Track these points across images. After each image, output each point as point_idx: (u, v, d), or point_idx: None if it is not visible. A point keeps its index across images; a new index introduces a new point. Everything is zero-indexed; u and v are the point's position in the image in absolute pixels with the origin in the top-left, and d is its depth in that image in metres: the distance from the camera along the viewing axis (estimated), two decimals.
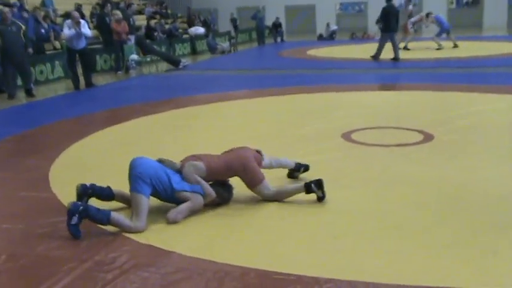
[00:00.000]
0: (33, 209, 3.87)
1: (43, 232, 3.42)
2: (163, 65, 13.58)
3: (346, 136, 5.63)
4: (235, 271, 2.81)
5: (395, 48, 12.82)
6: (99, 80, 11.38)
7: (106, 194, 3.74)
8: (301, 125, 6.30)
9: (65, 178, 4.58)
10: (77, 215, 3.26)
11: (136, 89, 10.53)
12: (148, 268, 2.88)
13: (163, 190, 3.52)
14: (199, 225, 3.45)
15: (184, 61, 13.83)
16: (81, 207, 3.29)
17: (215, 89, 9.76)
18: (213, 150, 4.59)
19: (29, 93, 9.54)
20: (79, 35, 9.98)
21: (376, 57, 13.17)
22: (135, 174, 3.45)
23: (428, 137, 5.45)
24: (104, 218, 3.33)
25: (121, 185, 3.79)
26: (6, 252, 3.16)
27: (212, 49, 18.11)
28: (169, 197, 3.58)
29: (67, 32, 10.01)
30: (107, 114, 7.68)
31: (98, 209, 3.36)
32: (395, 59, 12.75)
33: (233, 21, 23.37)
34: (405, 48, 15.24)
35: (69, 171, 4.80)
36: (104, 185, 3.77)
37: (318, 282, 2.65)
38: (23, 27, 9.71)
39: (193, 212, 3.58)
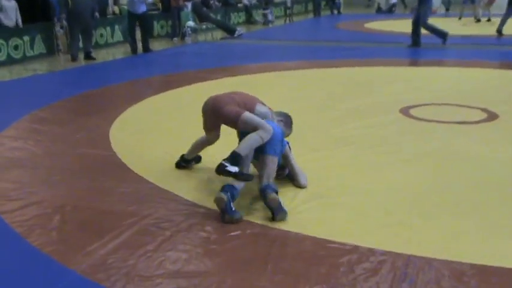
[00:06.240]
0: (95, 166, 4.01)
1: (105, 187, 3.55)
2: (218, 33, 13.58)
3: (405, 111, 5.48)
4: (291, 237, 2.84)
5: None
6: (155, 45, 11.52)
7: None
8: (357, 98, 6.18)
9: (124, 138, 4.71)
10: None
11: (192, 56, 10.61)
12: (206, 228, 2.93)
13: None
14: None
15: (240, 29, 13.79)
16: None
17: (269, 58, 9.70)
18: None
19: (88, 56, 9.79)
20: None
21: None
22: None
23: (492, 116, 5.24)
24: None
25: (176, 147, 3.94)
26: (70, 204, 3.29)
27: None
28: None
29: None
30: (163, 79, 7.80)
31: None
32: None
33: None
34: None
35: (129, 132, 4.93)
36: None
37: (373, 254, 2.64)
38: None
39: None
